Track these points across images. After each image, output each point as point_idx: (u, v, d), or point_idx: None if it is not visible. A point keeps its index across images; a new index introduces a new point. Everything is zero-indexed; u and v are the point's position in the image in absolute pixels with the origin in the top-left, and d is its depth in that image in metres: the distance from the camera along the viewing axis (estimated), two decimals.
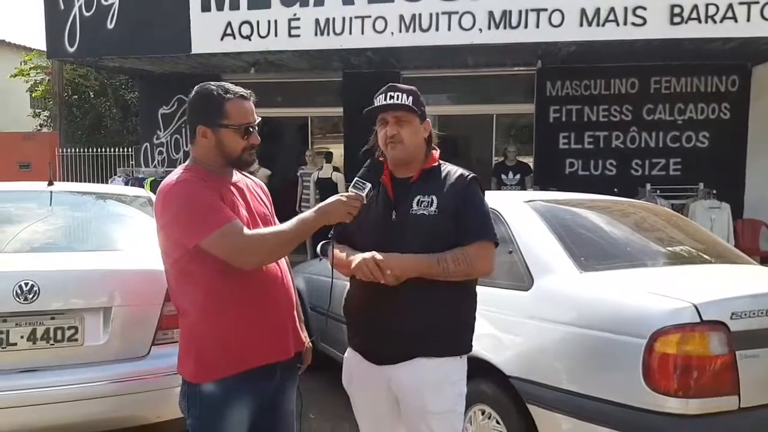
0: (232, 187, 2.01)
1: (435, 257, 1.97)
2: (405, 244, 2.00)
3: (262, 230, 1.95)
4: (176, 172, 1.98)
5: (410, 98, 2.06)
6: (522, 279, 2.85)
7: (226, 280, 1.89)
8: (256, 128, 2.01)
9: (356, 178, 2.00)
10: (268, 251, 1.92)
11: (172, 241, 1.92)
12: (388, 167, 2.14)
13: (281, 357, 2.02)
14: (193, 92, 2.01)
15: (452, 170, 2.13)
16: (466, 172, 2.12)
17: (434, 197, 2.04)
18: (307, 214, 1.95)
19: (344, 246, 2.14)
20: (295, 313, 2.12)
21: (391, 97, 2.07)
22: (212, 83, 2.00)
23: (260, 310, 1.96)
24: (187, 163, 2.04)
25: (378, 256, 1.94)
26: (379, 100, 2.09)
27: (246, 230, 1.88)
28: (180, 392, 2.01)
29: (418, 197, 2.06)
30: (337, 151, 9.86)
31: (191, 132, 2.01)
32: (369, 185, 1.97)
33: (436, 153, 2.18)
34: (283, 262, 2.10)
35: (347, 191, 2.01)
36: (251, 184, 2.15)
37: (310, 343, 2.22)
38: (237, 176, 2.08)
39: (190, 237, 1.86)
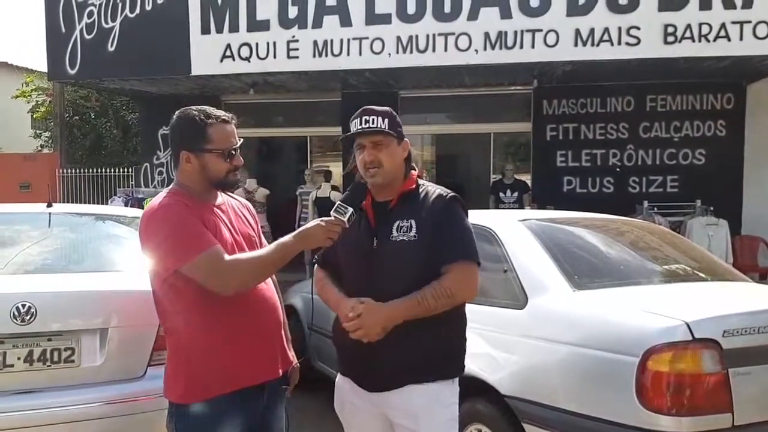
0: (216, 210, 2.03)
1: (415, 298, 1.91)
2: (384, 271, 1.98)
3: (241, 256, 1.95)
4: (160, 197, 2.01)
5: (386, 121, 2.00)
6: (516, 298, 2.86)
7: (216, 300, 1.91)
8: (238, 150, 2.03)
9: (338, 203, 1.97)
10: (246, 277, 1.93)
11: (155, 265, 1.94)
12: (370, 191, 2.10)
13: (270, 376, 2.03)
14: (175, 118, 2.03)
15: (431, 190, 2.07)
16: (444, 192, 2.06)
17: (413, 221, 1.99)
18: (286, 238, 1.95)
19: (328, 278, 2.14)
20: (283, 332, 2.13)
21: (366, 121, 2.00)
22: (193, 108, 2.01)
23: (249, 330, 1.98)
24: (171, 187, 2.06)
25: (358, 308, 1.93)
26: (355, 125, 2.04)
27: (225, 256, 1.89)
28: (167, 414, 2.01)
29: (397, 222, 2.01)
30: (336, 170, 9.92)
31: (174, 157, 2.03)
32: (351, 210, 1.93)
33: (415, 174, 2.12)
34: (271, 281, 2.12)
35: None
36: (236, 205, 2.17)
37: (298, 363, 2.22)
38: (222, 198, 2.10)
39: (169, 263, 1.88)
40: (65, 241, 3.45)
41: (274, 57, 7.92)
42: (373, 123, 2.01)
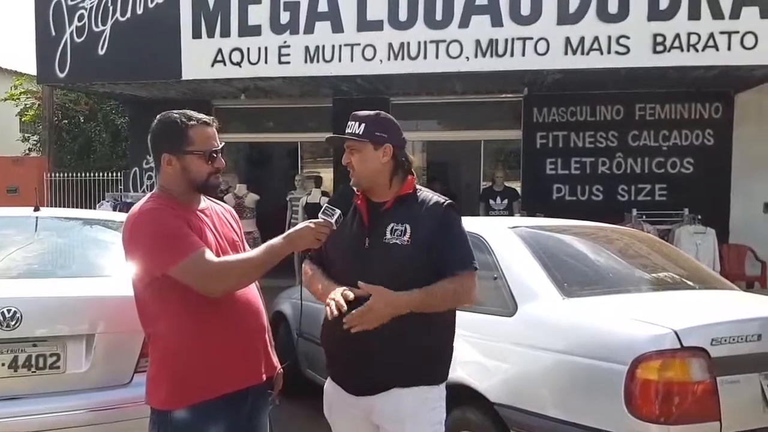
0: (200, 214, 2.02)
1: (424, 293, 1.93)
2: (375, 272, 1.99)
3: (229, 258, 1.95)
4: (143, 201, 2.00)
5: (362, 126, 2.05)
6: (506, 305, 2.86)
7: (200, 304, 1.89)
8: (220, 153, 2.03)
9: (325, 205, 2.01)
10: (235, 279, 1.92)
11: (140, 270, 1.92)
12: (363, 192, 2.13)
13: (253, 381, 2.02)
14: (156, 121, 2.03)
15: (428, 197, 2.10)
16: (441, 199, 2.09)
17: (408, 226, 2.02)
18: (275, 240, 1.95)
19: (317, 270, 2.14)
20: (267, 337, 2.12)
21: (348, 127, 2.08)
22: (174, 111, 2.01)
23: (233, 334, 1.96)
24: (154, 191, 2.06)
25: (350, 295, 1.88)
26: None
27: (213, 258, 1.88)
28: (149, 421, 1.99)
29: (392, 225, 2.03)
30: (327, 175, 9.91)
31: (156, 161, 2.02)
32: (338, 211, 1.96)
33: (413, 179, 2.15)
34: (254, 286, 2.11)
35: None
36: (220, 210, 2.16)
37: (281, 369, 2.21)
38: (205, 203, 2.10)
39: (157, 266, 1.87)
40: (52, 245, 3.42)
41: (266, 62, 7.92)
42: (350, 128, 2.08)
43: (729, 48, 7.00)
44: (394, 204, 2.08)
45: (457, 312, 2.17)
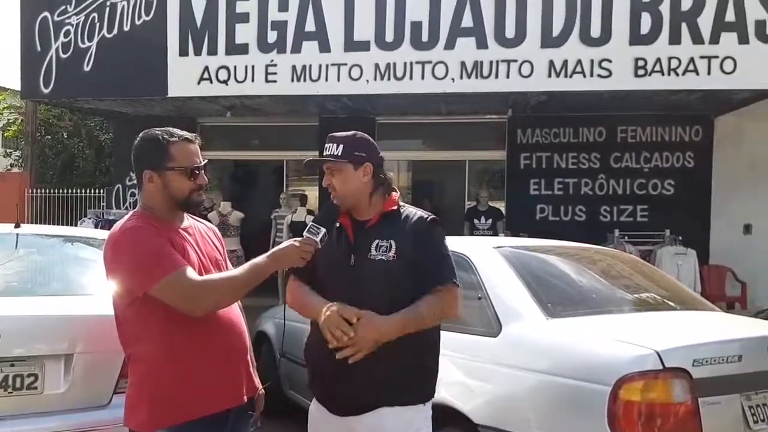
0: (182, 232, 2.01)
1: (412, 314, 1.95)
2: (363, 289, 2.00)
3: (213, 276, 1.94)
4: (125, 219, 1.99)
5: (340, 147, 2.07)
6: (491, 325, 2.86)
7: (181, 324, 1.88)
8: (203, 170, 2.03)
9: (311, 223, 2.01)
10: (217, 298, 1.91)
11: (122, 289, 1.91)
12: (347, 210, 2.13)
13: (234, 403, 1.99)
14: (138, 138, 2.03)
15: (411, 213, 2.12)
16: (425, 214, 2.11)
17: (393, 242, 2.03)
18: (259, 259, 1.94)
19: (306, 287, 2.13)
20: (249, 357, 2.10)
21: (326, 149, 2.09)
22: (156, 129, 2.01)
23: (215, 355, 1.94)
24: (136, 209, 2.05)
25: (346, 313, 1.91)
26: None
27: (195, 276, 1.87)
28: None
29: (376, 241, 2.05)
30: (312, 194, 9.91)
31: (138, 178, 2.02)
32: (323, 230, 1.96)
33: (396, 195, 2.16)
34: (236, 306, 2.09)
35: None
36: (203, 229, 2.15)
37: (263, 390, 2.19)
38: (188, 221, 2.09)
39: (138, 285, 1.85)
40: (32, 263, 3.37)
41: (252, 80, 7.93)
42: (328, 150, 2.09)
43: (709, 72, 7.14)
44: (379, 221, 2.10)
45: (441, 332, 2.17)
